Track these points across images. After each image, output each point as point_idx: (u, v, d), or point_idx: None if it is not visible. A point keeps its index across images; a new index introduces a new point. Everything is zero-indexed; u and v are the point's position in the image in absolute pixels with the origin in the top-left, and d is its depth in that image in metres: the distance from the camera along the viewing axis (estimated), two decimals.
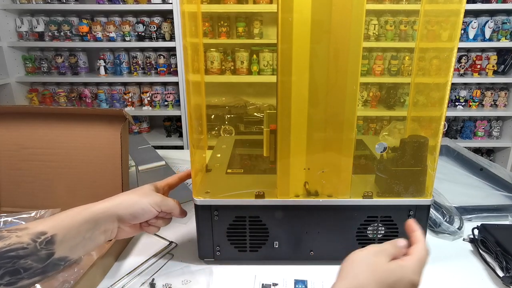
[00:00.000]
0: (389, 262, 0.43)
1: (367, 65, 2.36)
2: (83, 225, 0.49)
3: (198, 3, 0.72)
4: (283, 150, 0.60)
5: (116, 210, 0.54)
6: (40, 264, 0.44)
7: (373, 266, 0.42)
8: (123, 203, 0.55)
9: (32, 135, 0.74)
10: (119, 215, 0.54)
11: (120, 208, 0.54)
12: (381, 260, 0.42)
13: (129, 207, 0.55)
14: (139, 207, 0.55)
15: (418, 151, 0.62)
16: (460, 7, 0.57)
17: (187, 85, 0.64)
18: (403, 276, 0.41)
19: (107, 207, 0.53)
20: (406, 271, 0.42)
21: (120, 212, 0.54)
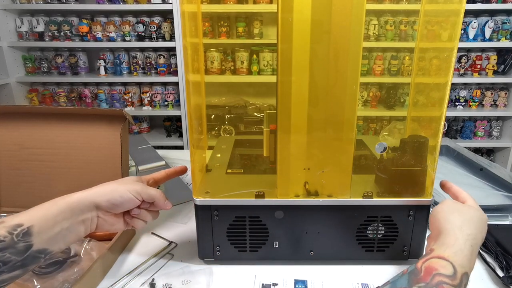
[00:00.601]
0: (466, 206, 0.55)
1: (367, 65, 2.36)
2: (59, 215, 0.48)
3: (198, 3, 0.72)
4: (283, 150, 0.60)
5: (93, 198, 0.52)
6: (19, 257, 0.44)
7: (461, 210, 0.53)
8: (101, 191, 0.53)
9: (32, 135, 0.74)
10: (96, 203, 0.52)
11: (97, 195, 0.52)
12: (461, 206, 0.54)
13: (106, 194, 0.53)
14: (117, 194, 0.54)
15: (418, 151, 0.62)
16: (460, 7, 0.57)
17: (187, 85, 0.64)
18: (480, 213, 0.54)
19: (83, 196, 0.52)
20: (478, 209, 0.55)
21: (98, 199, 0.52)
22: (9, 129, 0.75)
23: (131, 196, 0.55)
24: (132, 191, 0.55)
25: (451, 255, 0.44)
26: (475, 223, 0.51)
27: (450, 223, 0.50)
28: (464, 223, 0.50)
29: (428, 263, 0.44)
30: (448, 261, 0.44)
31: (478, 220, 0.51)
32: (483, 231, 0.51)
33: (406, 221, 0.63)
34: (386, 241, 0.65)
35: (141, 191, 0.56)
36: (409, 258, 0.66)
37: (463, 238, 0.47)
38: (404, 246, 0.65)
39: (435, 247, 0.47)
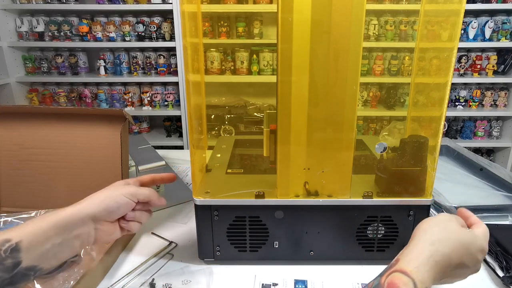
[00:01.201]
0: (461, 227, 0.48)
1: (367, 65, 2.36)
2: (50, 230, 0.46)
3: (198, 3, 0.72)
4: (283, 150, 0.60)
5: (88, 211, 0.50)
6: (7, 274, 0.42)
7: (448, 227, 0.47)
8: (95, 201, 0.51)
9: (32, 135, 0.74)
10: (92, 215, 0.50)
11: (92, 206, 0.50)
12: (454, 224, 0.48)
13: (101, 202, 0.51)
14: (112, 200, 0.52)
15: (418, 151, 0.62)
16: (460, 7, 0.57)
17: (187, 85, 0.64)
18: (475, 241, 0.47)
19: (76, 210, 0.49)
20: (478, 237, 0.48)
21: (93, 210, 0.50)
22: (9, 129, 0.75)
23: (126, 199, 0.53)
24: (126, 194, 0.53)
25: (414, 270, 0.42)
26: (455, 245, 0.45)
27: (427, 234, 0.46)
28: (440, 240, 0.45)
29: (391, 278, 0.42)
30: (409, 278, 0.41)
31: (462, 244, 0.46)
32: (463, 256, 0.45)
33: (406, 221, 0.63)
34: (386, 241, 0.65)
35: (136, 192, 0.55)
36: None
37: (429, 252, 0.44)
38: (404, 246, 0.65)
39: (401, 257, 0.44)
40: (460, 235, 0.47)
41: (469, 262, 0.46)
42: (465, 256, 0.46)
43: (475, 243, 0.47)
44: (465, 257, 0.46)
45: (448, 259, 0.44)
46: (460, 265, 0.46)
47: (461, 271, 0.47)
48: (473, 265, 0.47)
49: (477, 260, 0.47)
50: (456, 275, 0.47)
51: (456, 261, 0.45)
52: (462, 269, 0.47)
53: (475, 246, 0.47)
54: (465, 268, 0.47)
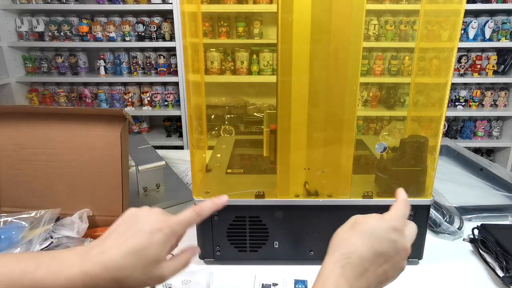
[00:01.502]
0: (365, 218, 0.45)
1: (367, 65, 2.36)
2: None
3: (198, 3, 0.72)
4: (283, 150, 0.60)
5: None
6: None
7: (349, 226, 0.44)
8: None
9: (32, 135, 0.74)
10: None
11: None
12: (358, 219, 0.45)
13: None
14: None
15: (418, 151, 0.62)
16: (460, 7, 0.57)
17: (187, 85, 0.64)
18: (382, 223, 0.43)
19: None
20: (385, 219, 0.44)
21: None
22: (9, 129, 0.75)
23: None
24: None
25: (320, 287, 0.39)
26: (359, 237, 0.42)
27: (333, 243, 0.43)
28: (344, 241, 0.42)
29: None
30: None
31: (366, 232, 0.42)
32: (373, 244, 0.41)
33: None
34: None
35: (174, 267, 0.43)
36: (409, 258, 0.66)
37: (334, 260, 0.41)
38: None
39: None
40: (364, 225, 0.43)
41: (385, 246, 0.42)
42: (375, 243, 0.41)
43: (380, 225, 0.43)
44: (376, 245, 0.41)
45: (357, 257, 0.41)
46: (377, 255, 0.41)
47: (384, 260, 0.42)
48: (393, 248, 0.42)
49: (392, 240, 0.42)
50: (383, 267, 0.42)
51: (368, 252, 0.41)
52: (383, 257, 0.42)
53: (381, 229, 0.42)
54: (386, 256, 0.42)
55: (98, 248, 0.40)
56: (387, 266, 0.42)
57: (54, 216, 0.70)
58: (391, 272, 0.43)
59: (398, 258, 0.43)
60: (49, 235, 0.67)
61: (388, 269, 0.42)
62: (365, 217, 0.45)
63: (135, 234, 0.40)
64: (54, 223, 0.69)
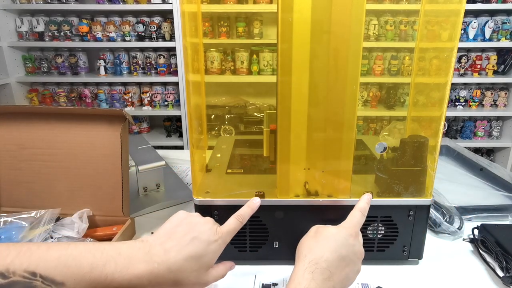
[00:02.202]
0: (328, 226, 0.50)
1: (367, 65, 2.36)
2: None
3: (198, 3, 0.72)
4: (283, 150, 0.60)
5: None
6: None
7: (313, 236, 0.50)
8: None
9: (32, 135, 0.74)
10: None
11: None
12: (320, 228, 0.50)
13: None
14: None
15: (418, 151, 0.62)
16: (460, 7, 0.57)
17: (187, 85, 0.64)
18: (334, 229, 0.49)
19: None
20: (342, 226, 0.50)
21: None
22: (9, 129, 0.75)
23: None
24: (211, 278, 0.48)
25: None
26: (323, 244, 0.46)
27: (300, 252, 0.47)
28: (310, 249, 0.46)
29: None
30: None
31: (329, 239, 0.47)
32: (336, 249, 0.46)
33: (406, 221, 0.63)
34: (386, 241, 0.65)
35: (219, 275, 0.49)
36: (409, 258, 0.66)
37: (303, 267, 0.44)
38: (404, 246, 0.65)
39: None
40: (326, 233, 0.48)
41: (345, 251, 0.47)
42: (338, 248, 0.46)
43: (339, 232, 0.48)
44: (338, 250, 0.46)
45: (324, 261, 0.44)
46: (340, 259, 0.46)
47: (346, 263, 0.47)
48: (352, 252, 0.48)
49: (350, 245, 0.48)
50: (346, 270, 0.46)
51: (332, 257, 0.45)
52: (345, 261, 0.46)
53: (341, 235, 0.48)
54: (347, 260, 0.47)
55: (160, 248, 0.44)
56: (348, 269, 0.47)
57: (54, 216, 0.70)
58: (351, 274, 0.48)
59: (356, 261, 0.48)
60: (49, 235, 0.67)
61: (349, 272, 0.47)
62: (325, 226, 0.50)
63: (195, 242, 0.45)
64: (54, 223, 0.69)
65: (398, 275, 0.64)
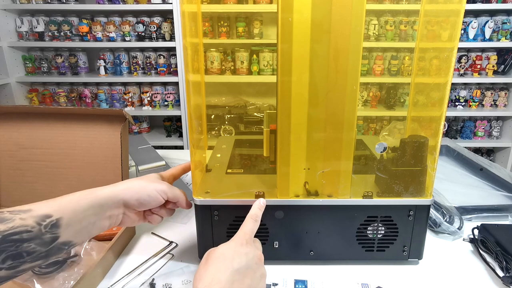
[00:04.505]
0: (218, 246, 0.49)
1: (367, 65, 2.36)
2: (88, 210, 0.47)
3: (198, 3, 0.72)
4: (283, 150, 0.60)
5: (122, 196, 0.52)
6: (44, 248, 0.43)
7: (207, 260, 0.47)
8: (130, 189, 0.53)
9: (32, 135, 0.74)
10: (125, 200, 0.52)
11: (127, 193, 0.52)
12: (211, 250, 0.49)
13: (136, 193, 0.53)
14: (145, 193, 0.54)
15: (418, 151, 0.62)
16: (460, 7, 0.57)
17: (187, 85, 0.64)
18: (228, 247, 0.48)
19: (113, 192, 0.51)
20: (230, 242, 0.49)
21: (127, 197, 0.52)
22: (9, 129, 0.75)
23: (158, 195, 0.55)
24: (159, 191, 0.55)
25: None
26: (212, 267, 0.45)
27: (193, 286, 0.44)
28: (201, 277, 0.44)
29: None
30: None
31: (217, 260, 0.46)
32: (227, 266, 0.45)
33: (406, 221, 0.63)
34: (386, 241, 0.65)
35: (167, 191, 0.56)
36: (409, 258, 0.66)
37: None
38: (404, 246, 0.65)
39: None
40: (214, 254, 0.47)
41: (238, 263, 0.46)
42: (229, 264, 0.45)
43: (229, 247, 0.48)
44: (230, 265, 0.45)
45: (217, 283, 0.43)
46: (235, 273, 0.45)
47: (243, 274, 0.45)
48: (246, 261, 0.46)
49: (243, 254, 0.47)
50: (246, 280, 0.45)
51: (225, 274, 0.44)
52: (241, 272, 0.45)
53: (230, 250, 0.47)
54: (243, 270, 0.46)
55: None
56: (248, 279, 0.46)
57: None
58: (254, 282, 0.46)
59: (255, 267, 0.47)
60: None
61: (251, 281, 0.46)
62: (215, 248, 0.48)
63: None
64: None
65: (398, 275, 0.64)
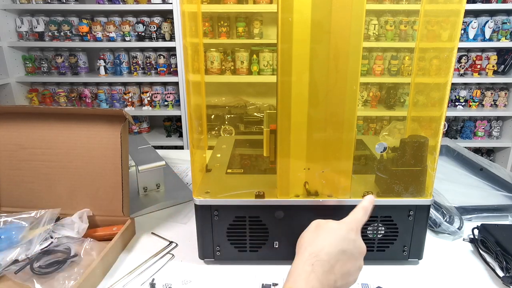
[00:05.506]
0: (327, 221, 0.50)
1: (367, 65, 2.36)
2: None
3: (198, 3, 0.72)
4: (283, 150, 0.60)
5: None
6: None
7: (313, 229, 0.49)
8: None
9: (32, 135, 0.74)
10: None
11: None
12: (320, 223, 0.50)
13: None
14: None
15: (418, 151, 0.62)
16: (460, 7, 0.57)
17: (187, 85, 0.64)
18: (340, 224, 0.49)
19: None
20: (343, 221, 0.49)
21: None
22: (9, 129, 0.75)
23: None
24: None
25: (291, 286, 0.42)
26: (325, 237, 0.46)
27: (300, 245, 0.47)
28: (311, 242, 0.46)
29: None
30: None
31: (330, 233, 0.47)
32: (337, 243, 0.46)
33: (406, 221, 0.63)
34: (386, 241, 0.65)
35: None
36: (409, 258, 0.66)
37: (303, 259, 0.44)
38: (404, 246, 0.65)
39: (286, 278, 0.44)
40: (328, 227, 0.48)
41: (346, 245, 0.46)
42: (339, 242, 0.46)
43: (341, 226, 0.48)
44: (340, 243, 0.46)
45: (325, 254, 0.44)
46: (341, 252, 0.45)
47: (347, 257, 0.46)
48: (353, 247, 0.47)
49: (352, 239, 0.47)
50: (347, 265, 0.46)
51: (334, 250, 0.45)
52: (346, 255, 0.46)
53: (342, 229, 0.47)
54: (348, 254, 0.46)
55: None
56: (350, 264, 0.46)
57: (54, 216, 0.70)
58: (353, 269, 0.47)
59: (358, 256, 0.48)
60: (49, 235, 0.67)
61: (350, 267, 0.46)
62: (326, 221, 0.50)
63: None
64: (54, 223, 0.69)
65: (398, 275, 0.64)
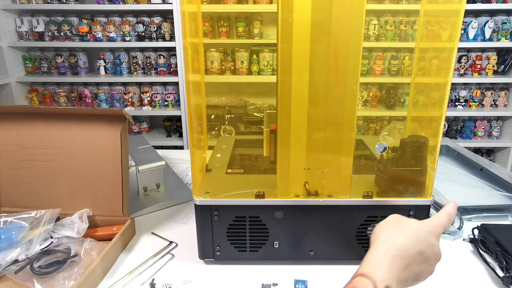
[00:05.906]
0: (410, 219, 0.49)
1: (367, 65, 2.36)
2: None
3: (198, 3, 0.72)
4: (283, 150, 0.60)
5: None
6: None
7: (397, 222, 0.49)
8: None
9: (32, 135, 0.74)
10: None
11: None
12: (403, 218, 0.49)
13: None
14: None
15: (418, 151, 0.62)
16: (460, 7, 0.57)
17: (187, 85, 0.64)
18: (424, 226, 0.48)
19: None
20: (426, 223, 0.48)
21: None
22: (9, 129, 0.75)
23: None
24: None
25: (371, 271, 0.42)
26: (406, 234, 0.47)
27: (380, 235, 0.47)
28: (392, 235, 0.46)
29: (352, 283, 0.42)
30: (368, 278, 0.41)
31: (412, 231, 0.47)
32: (417, 243, 0.46)
33: None
34: None
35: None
36: None
37: (384, 249, 0.45)
38: None
39: (361, 263, 0.45)
40: (407, 224, 0.48)
41: (425, 247, 0.46)
42: (419, 242, 0.46)
43: (424, 228, 0.48)
44: (419, 244, 0.46)
45: (405, 250, 0.45)
46: (419, 253, 0.46)
47: (423, 259, 0.46)
48: (431, 251, 0.47)
49: (431, 243, 0.47)
50: (420, 266, 0.46)
51: (413, 249, 0.45)
52: (423, 257, 0.46)
53: (424, 231, 0.47)
54: (425, 256, 0.47)
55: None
56: (423, 266, 0.46)
57: (54, 216, 0.70)
58: (424, 272, 0.47)
59: (432, 261, 0.47)
60: (49, 235, 0.67)
61: (423, 269, 0.46)
62: (407, 218, 0.49)
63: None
64: (54, 223, 0.69)
65: None
